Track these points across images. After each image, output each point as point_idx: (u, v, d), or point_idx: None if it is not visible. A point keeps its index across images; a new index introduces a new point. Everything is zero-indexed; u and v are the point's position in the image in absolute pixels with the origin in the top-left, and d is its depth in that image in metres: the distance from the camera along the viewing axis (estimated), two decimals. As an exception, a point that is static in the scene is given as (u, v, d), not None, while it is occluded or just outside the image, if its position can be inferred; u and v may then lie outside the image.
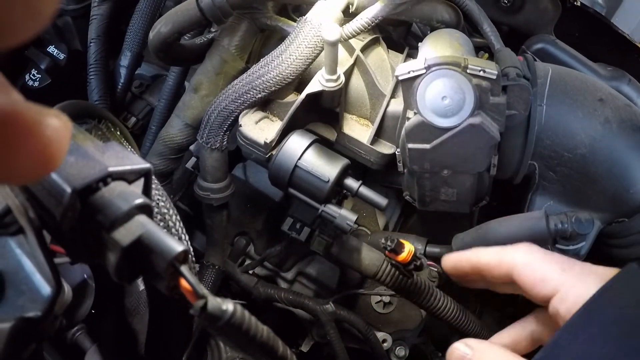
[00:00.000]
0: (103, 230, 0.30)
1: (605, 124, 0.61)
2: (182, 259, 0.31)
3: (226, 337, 0.32)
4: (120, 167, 0.32)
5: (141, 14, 0.76)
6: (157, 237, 0.30)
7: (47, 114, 0.19)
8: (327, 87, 0.58)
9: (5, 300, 0.34)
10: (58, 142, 0.19)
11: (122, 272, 0.31)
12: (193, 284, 0.30)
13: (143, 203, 0.32)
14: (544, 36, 0.75)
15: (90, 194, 0.30)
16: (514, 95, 0.57)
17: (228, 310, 0.31)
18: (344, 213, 0.59)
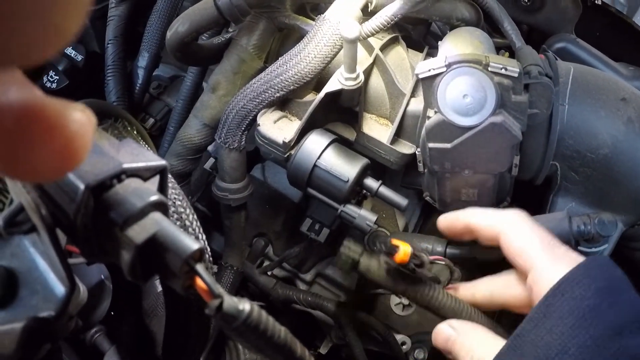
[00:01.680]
0: (117, 227, 0.28)
1: (628, 124, 0.58)
2: (197, 258, 0.29)
3: (243, 338, 0.31)
4: (135, 164, 0.30)
5: (159, 14, 0.75)
6: (172, 235, 0.29)
7: (72, 108, 0.18)
8: (346, 86, 0.56)
9: (19, 299, 0.33)
10: (82, 136, 0.18)
11: (136, 271, 0.29)
12: (209, 283, 0.29)
13: (158, 200, 0.30)
14: (565, 35, 0.72)
15: (103, 191, 0.29)
16: (536, 93, 0.54)
17: (245, 310, 0.29)
18: (363, 213, 0.57)
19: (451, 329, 0.48)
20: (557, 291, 0.41)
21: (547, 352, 0.39)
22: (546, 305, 0.41)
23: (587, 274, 0.41)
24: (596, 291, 0.40)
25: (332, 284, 0.74)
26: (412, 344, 0.71)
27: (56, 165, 0.18)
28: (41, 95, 0.17)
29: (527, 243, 0.46)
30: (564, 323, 0.39)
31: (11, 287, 0.33)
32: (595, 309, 0.39)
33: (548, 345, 0.39)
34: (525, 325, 0.41)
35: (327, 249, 0.72)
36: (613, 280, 0.42)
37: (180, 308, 0.48)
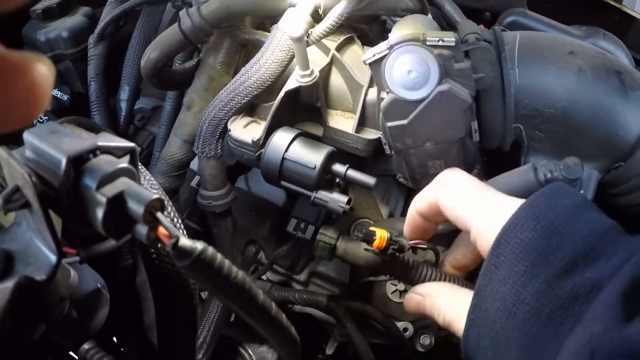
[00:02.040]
0: (91, 191, 0.38)
1: (579, 74, 0.66)
2: (158, 207, 0.38)
3: (200, 277, 0.38)
4: (108, 143, 0.40)
5: (134, 49, 0.87)
6: (136, 189, 0.37)
7: (33, 58, 0.20)
8: (303, 83, 0.66)
9: (14, 272, 0.41)
10: (44, 85, 0.20)
11: (109, 225, 0.37)
12: (167, 227, 0.37)
13: (126, 167, 0.39)
14: (514, 9, 0.82)
15: (81, 164, 0.38)
16: (477, 58, 0.63)
17: (197, 247, 0.37)
18: (335, 196, 0.65)
19: (418, 295, 0.53)
20: (502, 240, 0.42)
21: (505, 303, 0.40)
22: (495, 255, 0.42)
23: (530, 214, 0.42)
24: (543, 231, 0.41)
25: (326, 280, 0.81)
26: (416, 330, 0.77)
27: (20, 112, 0.20)
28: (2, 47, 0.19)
29: (458, 202, 0.49)
30: (514, 271, 0.41)
31: (8, 263, 0.42)
32: (544, 250, 0.40)
33: (504, 297, 0.40)
34: (481, 281, 0.43)
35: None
36: (560, 213, 0.42)
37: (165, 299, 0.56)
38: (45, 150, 0.39)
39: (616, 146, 0.66)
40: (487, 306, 0.42)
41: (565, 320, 0.38)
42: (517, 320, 0.40)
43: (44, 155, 0.39)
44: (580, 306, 0.38)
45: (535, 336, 0.39)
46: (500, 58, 0.67)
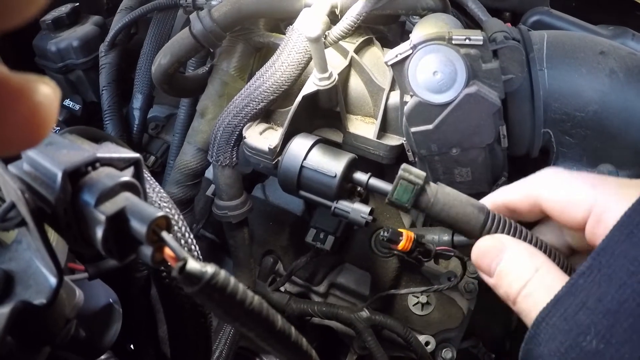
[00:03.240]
0: (90, 207, 0.32)
1: (611, 75, 0.60)
2: (164, 226, 0.32)
3: (210, 303, 0.32)
4: (108, 154, 0.35)
5: (146, 56, 0.83)
6: (139, 206, 0.32)
7: (35, 80, 0.19)
8: (321, 86, 0.61)
9: (14, 295, 0.37)
10: (47, 107, 0.19)
11: (110, 245, 0.32)
12: (174, 248, 0.31)
13: (128, 181, 0.34)
14: (538, 8, 0.76)
15: (79, 177, 0.33)
16: (506, 58, 0.57)
17: (208, 272, 0.30)
18: (356, 206, 0.59)
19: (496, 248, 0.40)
20: (630, 220, 0.32)
21: None
22: (618, 237, 0.32)
23: None
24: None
25: (346, 292, 0.76)
26: (438, 344, 0.71)
27: (22, 137, 0.19)
28: (4, 69, 0.18)
29: (572, 190, 0.38)
30: None
31: (8, 285, 0.37)
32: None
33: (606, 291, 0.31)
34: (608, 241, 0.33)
35: (335, 257, 0.75)
36: None
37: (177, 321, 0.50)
38: (41, 163, 0.34)
39: None
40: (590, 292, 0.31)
41: None
42: None
43: (40, 169, 0.34)
44: None
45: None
46: (528, 59, 0.61)
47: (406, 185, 0.45)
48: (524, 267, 0.38)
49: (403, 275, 0.74)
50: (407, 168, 0.46)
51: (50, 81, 0.20)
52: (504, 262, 0.39)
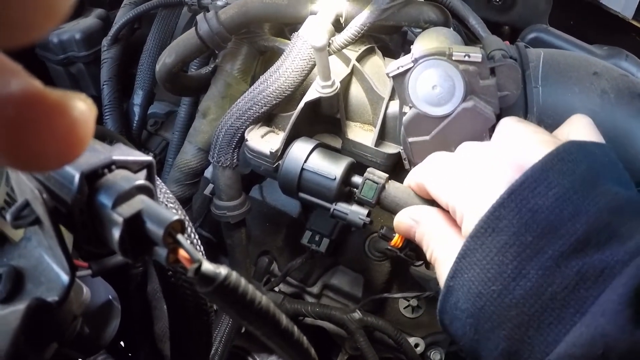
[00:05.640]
0: (107, 209, 0.34)
1: (603, 95, 0.63)
2: (179, 229, 0.35)
3: (223, 303, 0.35)
4: (124, 157, 0.37)
5: (149, 53, 0.84)
6: (155, 209, 0.34)
7: (72, 96, 0.19)
8: (324, 94, 0.63)
9: (25, 292, 0.38)
10: (84, 123, 0.19)
11: (126, 247, 0.34)
12: (189, 250, 0.34)
13: (144, 184, 0.36)
14: (537, 25, 0.78)
15: (96, 179, 0.35)
16: (503, 76, 0.60)
17: (221, 273, 0.34)
18: (355, 209, 0.62)
19: (411, 220, 0.48)
20: (507, 202, 0.37)
21: (501, 276, 0.36)
22: (495, 218, 0.37)
23: (543, 177, 0.37)
24: (555, 199, 0.36)
25: (339, 294, 0.78)
26: (427, 346, 0.74)
27: (60, 152, 0.19)
28: (42, 85, 0.18)
29: (440, 179, 0.46)
30: (519, 241, 0.35)
31: (17, 282, 0.39)
32: (555, 221, 0.35)
33: (501, 268, 0.36)
34: (469, 244, 0.38)
35: (330, 259, 0.77)
36: (576, 180, 0.37)
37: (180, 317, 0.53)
38: None
39: (637, 170, 0.63)
40: (473, 275, 0.37)
41: (569, 304, 0.34)
42: (515, 297, 0.35)
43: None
44: (587, 290, 0.34)
45: (534, 317, 0.35)
46: (524, 76, 0.64)
47: (370, 185, 0.56)
48: (431, 240, 0.45)
49: (395, 279, 0.77)
50: (372, 170, 0.57)
51: (86, 98, 0.20)
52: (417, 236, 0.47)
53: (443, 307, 0.40)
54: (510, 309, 0.35)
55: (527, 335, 0.35)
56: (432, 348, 0.74)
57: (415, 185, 0.51)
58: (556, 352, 0.33)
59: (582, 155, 0.39)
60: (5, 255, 0.42)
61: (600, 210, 0.36)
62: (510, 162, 0.41)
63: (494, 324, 0.36)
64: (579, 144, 0.40)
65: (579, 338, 0.33)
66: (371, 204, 0.57)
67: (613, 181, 0.39)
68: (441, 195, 0.45)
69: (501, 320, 0.36)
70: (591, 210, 0.35)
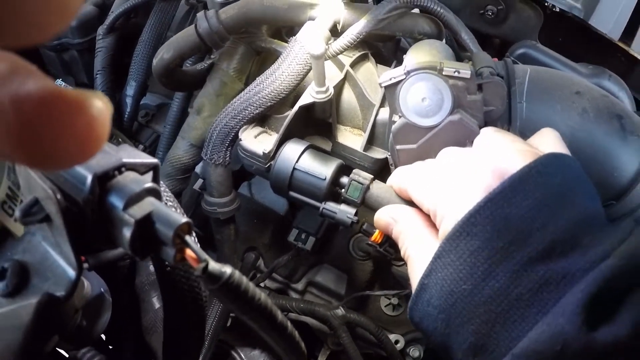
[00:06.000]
0: (118, 209, 0.37)
1: (583, 114, 0.67)
2: (186, 230, 0.37)
3: (226, 299, 0.38)
4: (133, 160, 0.39)
5: (144, 44, 0.86)
6: (165, 212, 0.37)
7: (90, 94, 0.19)
8: (318, 99, 0.66)
9: (31, 287, 0.40)
10: (102, 121, 0.19)
11: (136, 245, 0.37)
12: (196, 250, 0.37)
13: (152, 187, 0.38)
14: (526, 42, 0.82)
15: (107, 181, 0.37)
16: (489, 92, 0.63)
17: (227, 272, 0.37)
18: (343, 208, 0.65)
19: (390, 218, 0.52)
20: (484, 209, 0.40)
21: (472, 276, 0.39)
22: (471, 224, 0.40)
23: (520, 188, 0.41)
24: (529, 209, 0.40)
25: (323, 290, 0.82)
26: (407, 343, 0.79)
27: (78, 150, 0.19)
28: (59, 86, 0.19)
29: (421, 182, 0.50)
30: (491, 246, 0.39)
31: (23, 276, 0.40)
32: (526, 230, 0.39)
33: (473, 269, 0.39)
34: (445, 246, 0.41)
35: (315, 257, 0.81)
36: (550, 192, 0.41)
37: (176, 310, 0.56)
38: None
39: (611, 186, 0.68)
40: (446, 274, 0.41)
41: (533, 305, 0.38)
42: (484, 296, 0.39)
43: (66, 169, 0.38)
44: (549, 293, 0.38)
45: (501, 315, 0.39)
46: (510, 91, 0.68)
47: (356, 185, 0.62)
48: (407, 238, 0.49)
49: (377, 277, 0.81)
50: (357, 172, 0.63)
51: (103, 96, 0.20)
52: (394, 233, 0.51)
53: (415, 303, 0.44)
54: (479, 307, 0.39)
55: (493, 330, 0.39)
56: (411, 345, 0.78)
57: (397, 187, 0.56)
58: (519, 346, 0.37)
59: (558, 169, 0.43)
60: (9, 250, 0.44)
61: (568, 222, 0.40)
62: (489, 169, 0.45)
63: (464, 320, 0.40)
64: (556, 157, 0.44)
65: (540, 335, 0.36)
66: (356, 204, 0.62)
67: (582, 194, 0.43)
68: (421, 198, 0.50)
69: (470, 317, 0.40)
70: (559, 222, 0.39)
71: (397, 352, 0.78)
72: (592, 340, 0.35)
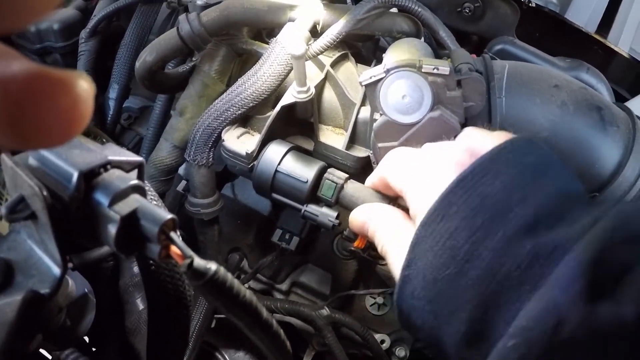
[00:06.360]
0: (103, 206, 0.38)
1: (562, 107, 0.69)
2: (171, 227, 0.38)
3: (211, 295, 0.39)
4: (118, 157, 0.40)
5: (127, 47, 0.86)
6: (150, 208, 0.38)
7: (74, 74, 0.20)
8: (299, 99, 0.67)
9: (15, 284, 0.40)
10: (86, 100, 0.20)
11: (121, 242, 0.38)
12: (181, 247, 0.38)
13: (137, 184, 0.39)
14: (503, 37, 0.85)
15: (92, 178, 0.38)
16: (468, 87, 0.65)
17: (212, 268, 0.38)
18: (325, 211, 0.67)
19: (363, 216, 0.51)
20: (456, 189, 0.39)
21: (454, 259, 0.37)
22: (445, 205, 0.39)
23: (491, 167, 0.39)
24: (503, 186, 0.38)
25: (307, 290, 0.83)
26: (393, 342, 0.80)
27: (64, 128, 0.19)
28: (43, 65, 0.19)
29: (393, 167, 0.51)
30: (470, 224, 0.37)
31: (7, 274, 0.41)
32: (504, 206, 0.37)
33: (454, 252, 0.37)
34: (420, 232, 0.40)
35: (299, 257, 0.82)
36: (525, 170, 0.39)
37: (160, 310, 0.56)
38: (53, 161, 0.39)
39: (593, 177, 0.70)
40: (426, 262, 0.38)
41: (524, 282, 0.35)
42: (471, 278, 0.36)
43: (51, 167, 0.38)
44: (540, 268, 0.35)
45: (491, 297, 0.36)
46: (489, 87, 0.70)
47: (329, 184, 0.63)
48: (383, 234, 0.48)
49: (361, 276, 0.82)
50: (332, 171, 0.64)
51: (86, 76, 0.20)
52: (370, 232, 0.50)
53: (400, 297, 0.41)
54: (466, 291, 0.36)
55: (487, 315, 0.36)
56: (397, 345, 0.79)
57: (378, 179, 0.55)
58: (514, 325, 0.34)
59: (531, 149, 0.42)
60: (-7, 248, 0.44)
61: (549, 196, 0.38)
62: (461, 150, 0.45)
63: (453, 308, 0.37)
64: (528, 139, 0.43)
65: (532, 310, 0.33)
66: (331, 203, 0.64)
67: (560, 173, 0.41)
68: (398, 184, 0.49)
69: (459, 303, 0.37)
70: (539, 196, 0.38)
71: (383, 352, 0.79)
72: (592, 313, 0.31)
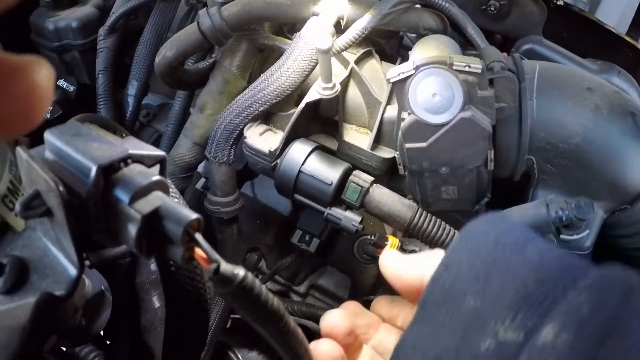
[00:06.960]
0: (123, 204, 0.35)
1: (596, 111, 0.66)
2: (196, 227, 0.35)
3: (238, 303, 0.36)
4: (139, 152, 0.37)
5: (145, 44, 0.85)
6: (174, 207, 0.35)
7: (32, 60, 0.19)
8: (324, 95, 0.65)
9: (30, 284, 0.38)
10: (44, 87, 0.19)
11: (142, 244, 0.35)
12: (207, 250, 0.35)
13: (160, 180, 0.36)
14: (531, 37, 0.81)
15: (112, 173, 0.35)
16: (500, 87, 0.62)
17: (239, 274, 0.34)
18: (348, 215, 0.64)
19: None
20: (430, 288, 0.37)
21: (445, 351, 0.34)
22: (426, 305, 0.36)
23: None
24: None
25: (325, 294, 0.80)
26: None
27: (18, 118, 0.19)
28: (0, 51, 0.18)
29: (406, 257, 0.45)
30: None
31: (22, 273, 0.38)
32: None
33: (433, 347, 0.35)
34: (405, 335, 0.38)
35: (318, 259, 0.79)
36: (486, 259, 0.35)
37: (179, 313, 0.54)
38: (71, 155, 0.36)
39: (624, 188, 0.66)
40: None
41: None
42: None
43: (69, 161, 0.36)
44: None
45: None
46: (520, 88, 0.67)
47: (355, 187, 0.61)
48: None
49: (381, 282, 0.79)
50: (357, 173, 0.62)
51: (45, 62, 0.19)
52: None
53: None
54: None
55: None
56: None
57: None
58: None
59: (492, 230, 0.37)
60: (8, 245, 0.42)
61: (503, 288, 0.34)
62: None
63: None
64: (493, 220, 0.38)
65: None
66: (355, 207, 0.61)
67: None
68: None
69: None
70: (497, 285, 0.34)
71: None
72: None
